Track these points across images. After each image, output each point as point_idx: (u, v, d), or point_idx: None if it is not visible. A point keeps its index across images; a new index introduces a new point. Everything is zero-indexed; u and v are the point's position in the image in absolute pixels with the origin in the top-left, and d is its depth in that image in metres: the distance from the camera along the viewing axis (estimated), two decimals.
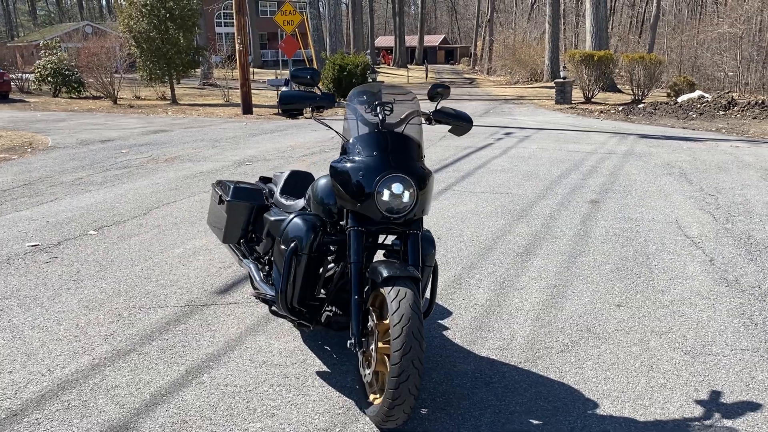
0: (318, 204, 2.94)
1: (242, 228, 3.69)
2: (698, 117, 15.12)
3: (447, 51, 71.66)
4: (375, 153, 2.71)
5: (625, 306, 3.87)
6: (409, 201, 2.66)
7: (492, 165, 8.72)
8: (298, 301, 2.86)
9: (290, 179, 3.71)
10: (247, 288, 4.15)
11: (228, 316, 3.75)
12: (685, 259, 4.75)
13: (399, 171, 2.66)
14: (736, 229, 5.56)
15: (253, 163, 9.01)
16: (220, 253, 4.89)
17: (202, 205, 6.43)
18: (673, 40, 42.13)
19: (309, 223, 2.82)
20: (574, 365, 3.14)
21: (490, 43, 47.51)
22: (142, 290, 4.14)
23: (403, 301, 2.42)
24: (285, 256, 2.80)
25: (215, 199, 3.85)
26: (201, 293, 4.10)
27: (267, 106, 18.62)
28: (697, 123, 14.49)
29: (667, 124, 14.53)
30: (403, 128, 2.88)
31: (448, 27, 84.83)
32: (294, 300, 2.85)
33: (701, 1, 53.87)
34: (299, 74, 2.95)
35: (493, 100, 21.86)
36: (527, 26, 53.12)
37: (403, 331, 2.36)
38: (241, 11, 15.51)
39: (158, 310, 3.83)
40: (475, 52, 57.38)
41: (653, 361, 3.19)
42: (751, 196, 6.89)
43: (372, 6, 57.99)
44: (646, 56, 18.95)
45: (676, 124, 14.56)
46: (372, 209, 2.65)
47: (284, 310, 2.88)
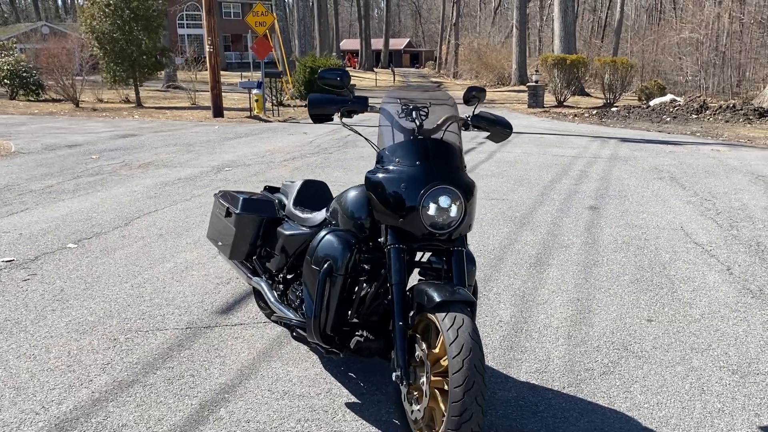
0: (348, 218, 2.66)
1: (252, 243, 3.38)
2: (672, 120, 15.25)
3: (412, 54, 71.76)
4: (417, 162, 2.44)
5: (656, 321, 3.68)
6: (456, 215, 2.41)
7: (480, 170, 8.52)
8: (332, 327, 2.58)
9: (303, 189, 3.41)
10: (251, 307, 3.84)
11: (235, 339, 3.43)
12: (702, 269, 4.60)
13: (445, 182, 2.40)
14: (743, 236, 5.46)
15: (233, 168, 8.65)
16: (215, 268, 4.56)
17: (186, 214, 6.07)
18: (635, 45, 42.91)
19: (344, 241, 2.54)
20: (621, 389, 2.93)
21: (455, 47, 47.65)
22: (137, 311, 3.79)
23: (461, 329, 2.16)
24: (318, 277, 2.52)
25: (220, 212, 3.54)
26: (201, 313, 3.77)
27: (237, 108, 18.16)
28: (672, 126, 14.59)
29: (642, 128, 14.61)
30: (442, 135, 2.62)
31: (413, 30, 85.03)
32: (328, 327, 2.56)
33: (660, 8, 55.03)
34: (327, 75, 2.66)
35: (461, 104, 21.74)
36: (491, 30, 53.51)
37: (464, 364, 2.10)
38: (211, 12, 15.06)
39: (157, 333, 3.49)
40: (440, 56, 57.54)
41: (702, 382, 2.99)
42: (747, 201, 6.83)
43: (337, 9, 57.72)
44: (618, 60, 19.10)
45: (651, 127, 14.64)
46: (416, 225, 2.39)
47: (317, 338, 2.59)
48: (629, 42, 42.22)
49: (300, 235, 3.11)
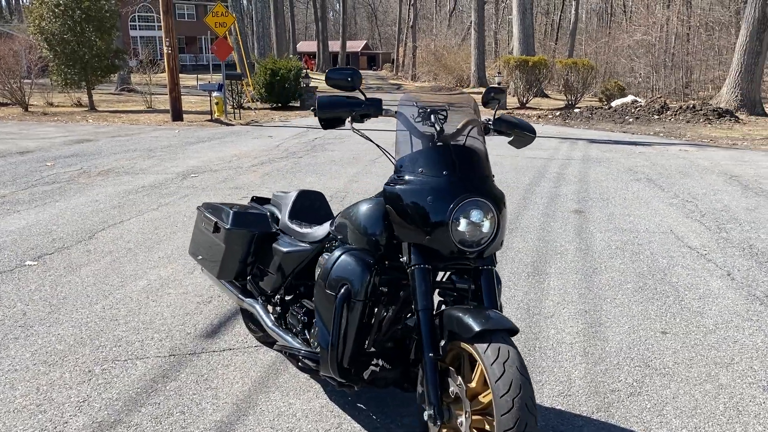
0: (360, 234, 2.38)
1: (243, 261, 3.07)
2: (635, 121, 15.38)
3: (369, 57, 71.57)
4: (444, 172, 2.18)
5: (670, 333, 3.51)
6: (488, 230, 2.16)
7: None
8: (350, 358, 2.29)
9: (299, 201, 3.12)
10: (239, 329, 3.52)
11: (226, 367, 3.11)
12: (702, 274, 4.47)
13: (476, 194, 2.15)
14: (733, 239, 5.37)
15: (200, 174, 8.24)
16: (194, 285, 4.21)
17: (155, 225, 5.68)
18: (589, 47, 43.61)
19: (362, 262, 2.25)
20: (654, 412, 2.72)
21: (413, 49, 47.62)
22: (111, 336, 3.43)
23: (507, 363, 1.91)
24: (335, 304, 2.23)
25: (206, 227, 3.21)
26: (185, 338, 3.43)
27: (196, 112, 17.58)
28: (635, 127, 14.70)
29: (607, 129, 14.68)
30: (464, 140, 2.37)
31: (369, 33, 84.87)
32: (345, 359, 2.28)
33: (611, 11, 56.19)
34: (335, 76, 2.38)
35: None
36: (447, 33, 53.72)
37: (514, 403, 1.85)
38: (169, 12, 14.53)
39: (137, 362, 3.14)
40: (398, 58, 57.47)
41: (735, 402, 2.81)
42: (727, 202, 6.79)
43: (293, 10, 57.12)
44: (578, 61, 19.23)
45: (615, 128, 14.73)
46: (444, 242, 2.13)
47: (333, 372, 2.30)
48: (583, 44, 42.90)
49: (299, 252, 2.82)
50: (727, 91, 16.64)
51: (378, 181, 7.82)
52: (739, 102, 16.18)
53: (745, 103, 16.22)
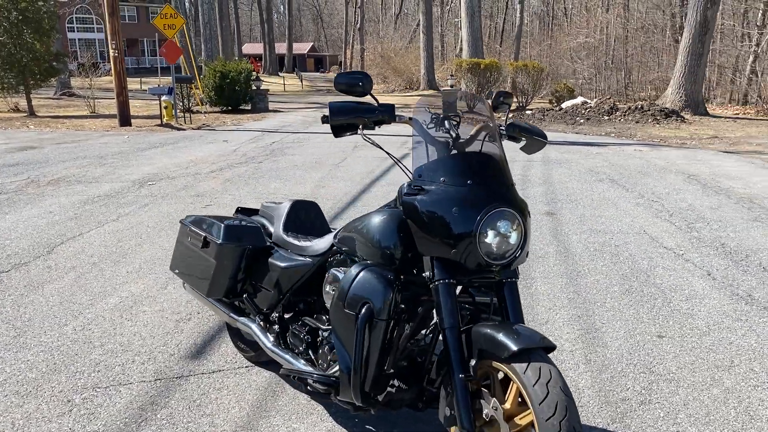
0: (373, 248, 2.24)
1: (235, 278, 2.89)
2: (586, 122, 15.66)
3: (316, 59, 71.13)
4: (469, 182, 2.07)
5: (667, 336, 3.49)
6: (516, 241, 2.06)
7: None
8: (372, 381, 2.15)
9: (293, 212, 2.96)
10: (226, 348, 3.33)
11: (219, 390, 2.92)
12: (684, 275, 4.50)
13: (503, 204, 2.05)
14: (704, 238, 5.45)
15: (157, 182, 7.91)
16: (169, 301, 3.98)
17: (117, 237, 5.39)
18: (533, 50, 44.46)
19: (383, 278, 2.11)
20: (668, 420, 2.67)
21: (361, 52, 47.56)
22: (87, 361, 3.19)
23: (550, 384, 1.81)
24: (357, 324, 2.08)
25: (193, 242, 3.01)
26: (168, 360, 3.21)
27: (144, 116, 17.01)
28: (587, 128, 14.97)
29: (559, 130, 14.89)
30: (481, 147, 2.27)
31: (315, 35, 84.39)
32: (368, 382, 2.13)
33: (552, 14, 57.50)
34: (345, 80, 2.23)
35: None
36: (394, 36, 53.87)
37: (561, 426, 1.75)
38: (115, 14, 14.00)
39: (120, 389, 2.92)
40: (346, 60, 57.31)
41: (744, 406, 2.79)
42: (691, 201, 6.92)
43: (237, 12, 56.22)
44: (529, 64, 19.50)
45: (567, 129, 14.96)
46: (472, 255, 2.02)
47: (356, 397, 2.15)
48: (528, 47, 43.70)
49: (299, 267, 2.66)
50: (672, 91, 17.15)
51: (346, 186, 7.68)
52: (683, 102, 16.69)
53: (689, 103, 16.74)
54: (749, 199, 7.02)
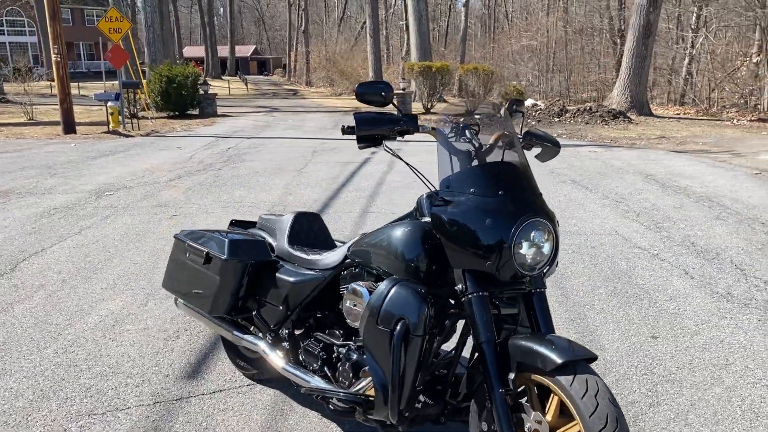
0: (397, 261, 2.19)
1: (239, 294, 2.78)
2: (537, 124, 15.96)
3: (259, 62, 70.35)
4: (500, 192, 2.04)
5: (660, 337, 3.55)
6: (548, 252, 2.05)
7: (389, 182, 8.23)
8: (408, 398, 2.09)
9: (297, 225, 2.88)
10: (224, 366, 3.21)
11: (224, 412, 2.81)
12: (663, 275, 4.60)
13: (536, 214, 2.03)
14: (674, 237, 5.60)
15: (115, 192, 7.63)
16: (153, 318, 3.82)
17: (83, 252, 5.15)
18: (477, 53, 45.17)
19: (417, 293, 2.06)
20: (679, 422, 2.71)
21: (306, 55, 47.26)
22: (77, 386, 3.02)
23: (599, 396, 1.79)
24: (393, 341, 2.02)
25: (192, 258, 2.88)
26: (164, 381, 3.07)
27: (88, 123, 16.40)
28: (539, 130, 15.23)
29: None
30: (502, 156, 2.25)
31: (257, 37, 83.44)
32: (404, 400, 2.07)
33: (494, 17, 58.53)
34: (367, 90, 2.19)
35: (332, 112, 21.46)
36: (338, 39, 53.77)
37: None
38: (57, 17, 13.45)
39: (119, 414, 2.77)
40: (290, 63, 56.86)
41: (748, 403, 2.86)
42: (654, 201, 7.12)
43: (177, 15, 55.03)
44: (479, 67, 19.75)
45: None
46: (506, 267, 1.99)
47: (393, 415, 2.08)
48: (473, 50, 44.31)
49: (309, 281, 2.59)
50: (617, 93, 17.67)
51: (314, 192, 7.58)
52: (629, 103, 17.21)
53: (634, 104, 17.28)
54: (708, 197, 7.26)
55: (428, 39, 27.93)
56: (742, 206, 6.80)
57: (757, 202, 7.03)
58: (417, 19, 25.59)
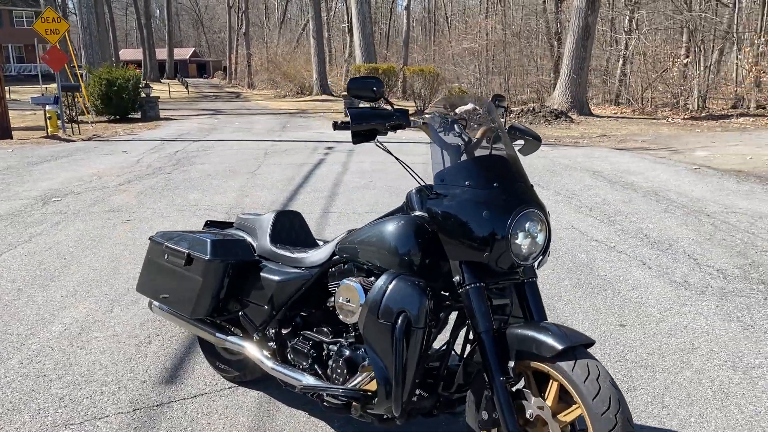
0: (390, 255, 2.21)
1: (219, 295, 2.74)
2: None
3: (199, 64, 69.05)
4: (495, 184, 2.08)
5: (628, 325, 3.68)
6: (542, 242, 2.11)
7: (348, 182, 8.21)
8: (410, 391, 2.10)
9: (278, 223, 2.86)
10: (202, 369, 3.15)
11: (208, 415, 2.75)
12: (622, 266, 4.76)
13: (529, 205, 2.08)
14: (628, 230, 5.80)
15: (62, 198, 7.36)
16: (121, 324, 3.71)
17: (37, 260, 4.96)
18: (419, 55, 45.56)
19: (416, 286, 2.08)
20: (656, 404, 2.82)
21: (248, 57, 46.67)
22: (48, 396, 2.90)
23: (600, 379, 1.85)
24: (395, 334, 2.03)
25: (171, 260, 2.82)
26: (142, 387, 2.99)
27: (25, 128, 15.74)
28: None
29: None
30: (490, 149, 2.30)
31: (195, 40, 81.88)
32: (406, 392, 2.08)
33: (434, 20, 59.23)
34: (358, 85, 2.20)
35: (278, 115, 21.26)
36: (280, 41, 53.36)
37: (618, 420, 1.80)
38: None
39: (98, 423, 2.68)
40: (230, 66, 56.03)
41: (717, 385, 2.99)
42: (604, 196, 7.35)
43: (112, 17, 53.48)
44: (425, 69, 19.93)
45: None
46: (503, 257, 2.03)
47: (396, 408, 2.09)
48: (415, 52, 44.68)
49: (295, 279, 2.58)
50: (558, 93, 18.14)
51: (271, 194, 7.50)
52: (570, 104, 17.70)
53: (575, 104, 17.78)
54: (654, 192, 7.55)
55: (372, 41, 28.04)
56: (687, 199, 7.09)
57: (700, 195, 7.36)
58: (361, 21, 25.66)
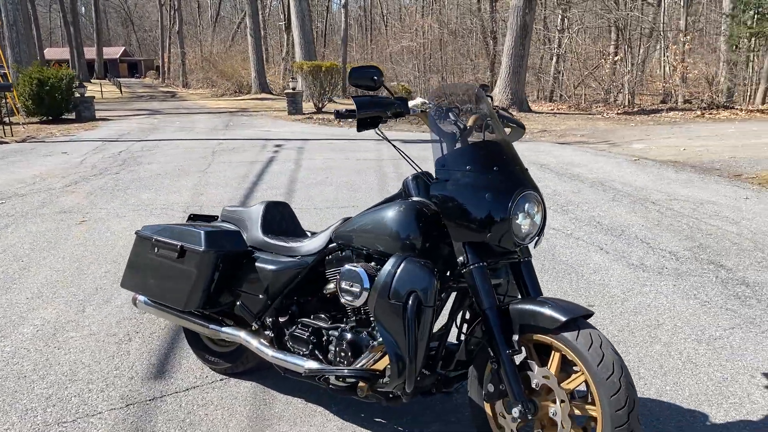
0: (392, 240, 2.29)
1: (212, 287, 2.75)
2: None
3: (130, 64, 67.00)
4: (495, 168, 2.20)
5: (596, 305, 3.87)
6: (539, 222, 2.24)
7: (303, 179, 8.21)
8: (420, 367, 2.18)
9: (268, 214, 2.88)
10: (188, 363, 3.14)
11: (204, 407, 2.76)
12: (581, 251, 4.98)
13: (527, 187, 2.21)
14: (581, 218, 6.05)
15: (6, 200, 7.08)
16: (97, 323, 3.64)
17: None
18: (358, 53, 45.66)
19: (425, 268, 2.16)
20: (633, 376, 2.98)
21: (182, 56, 45.61)
22: (33, 396, 2.84)
23: (603, 347, 1.98)
24: (407, 314, 2.10)
25: (162, 253, 2.80)
26: (130, 384, 2.96)
27: None
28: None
29: (405, 129, 15.50)
30: (483, 135, 2.41)
31: (125, 38, 79.43)
32: (418, 369, 2.16)
33: (370, 18, 59.45)
34: (359, 74, 2.30)
35: (219, 113, 20.91)
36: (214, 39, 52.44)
37: (621, 383, 1.93)
38: None
39: (92, 420, 2.65)
40: (164, 65, 54.64)
41: (686, 356, 3.20)
42: (554, 187, 7.62)
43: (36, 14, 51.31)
44: None
45: (414, 128, 15.61)
46: (505, 237, 2.15)
47: (409, 384, 2.17)
48: (354, 51, 44.73)
49: (292, 268, 2.62)
50: (499, 90, 18.57)
51: (227, 192, 7.44)
52: (510, 100, 18.15)
53: (515, 101, 18.24)
54: (600, 182, 7.88)
55: (312, 39, 27.97)
56: (632, 188, 7.44)
57: (643, 184, 7.72)
58: (300, 18, 25.55)
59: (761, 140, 11.81)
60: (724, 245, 5.08)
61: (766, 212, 6.20)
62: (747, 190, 7.28)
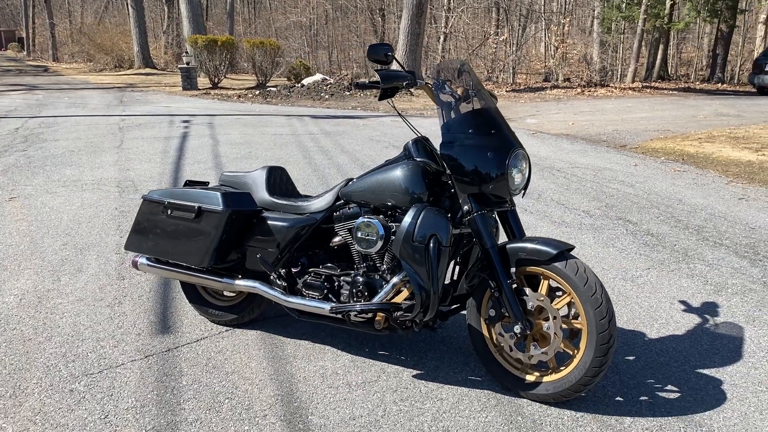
0: (402, 195, 2.71)
1: (230, 243, 3.02)
2: (331, 98, 16.74)
3: None
4: (493, 131, 2.65)
5: None
6: (527, 175, 2.71)
7: (227, 153, 8.30)
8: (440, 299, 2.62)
9: (271, 177, 3.18)
10: (190, 319, 3.38)
11: (221, 353, 3.03)
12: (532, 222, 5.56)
13: (518, 147, 2.67)
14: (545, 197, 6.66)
15: None
16: (81, 290, 3.76)
17: None
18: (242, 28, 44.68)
19: (442, 214, 2.60)
20: None
21: (51, 27, 42.58)
22: (49, 355, 2.99)
23: (587, 271, 2.50)
24: (430, 253, 2.52)
25: (178, 214, 3.02)
26: (140, 339, 3.16)
27: None
28: (334, 102, 16.04)
29: (309, 105, 15.70)
30: (472, 105, 2.84)
31: None
32: (438, 300, 2.59)
33: None
34: (376, 51, 2.70)
35: (108, 89, 19.98)
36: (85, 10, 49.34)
37: (603, 298, 2.45)
38: None
39: (118, 370, 2.86)
40: (28, 38, 50.67)
41: (618, 291, 3.84)
42: None
43: None
44: (266, 42, 19.85)
45: (316, 104, 15.84)
46: (503, 189, 2.62)
47: (432, 313, 2.59)
48: (241, 25, 43.74)
49: (305, 224, 2.97)
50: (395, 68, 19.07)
51: (155, 167, 7.44)
52: None
53: None
54: None
55: (201, 12, 27.18)
56: (537, 158, 8.20)
57: (546, 155, 8.52)
58: None
59: (636, 115, 13.15)
60: (626, 204, 5.87)
61: (653, 176, 7.13)
62: (634, 158, 8.26)
